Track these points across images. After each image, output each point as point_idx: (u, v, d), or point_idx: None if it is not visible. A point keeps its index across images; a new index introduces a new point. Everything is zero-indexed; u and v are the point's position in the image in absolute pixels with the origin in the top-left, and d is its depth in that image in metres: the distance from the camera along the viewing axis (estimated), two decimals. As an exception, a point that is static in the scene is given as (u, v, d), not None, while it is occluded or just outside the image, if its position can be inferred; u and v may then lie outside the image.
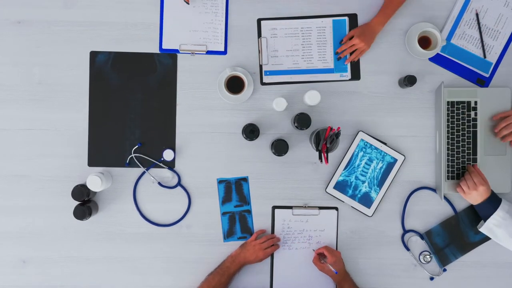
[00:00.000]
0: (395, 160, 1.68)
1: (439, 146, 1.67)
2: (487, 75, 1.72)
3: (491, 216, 1.57)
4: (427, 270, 1.70)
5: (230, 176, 1.69)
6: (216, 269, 1.63)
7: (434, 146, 1.70)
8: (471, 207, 1.69)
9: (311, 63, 1.71)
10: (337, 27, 1.71)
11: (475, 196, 1.59)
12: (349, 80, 1.70)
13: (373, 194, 1.68)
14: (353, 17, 1.71)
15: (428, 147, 1.71)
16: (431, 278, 1.70)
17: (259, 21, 1.70)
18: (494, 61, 1.72)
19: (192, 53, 1.69)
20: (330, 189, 1.69)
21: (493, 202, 1.58)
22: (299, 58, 1.71)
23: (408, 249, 1.70)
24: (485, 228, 1.60)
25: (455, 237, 1.69)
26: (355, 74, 1.70)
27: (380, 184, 1.68)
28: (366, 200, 1.69)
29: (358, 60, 1.70)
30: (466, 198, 1.62)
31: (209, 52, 1.69)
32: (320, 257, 1.64)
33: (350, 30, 1.70)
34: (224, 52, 1.69)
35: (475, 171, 1.62)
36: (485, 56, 1.70)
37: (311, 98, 1.61)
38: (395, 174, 1.69)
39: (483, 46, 1.71)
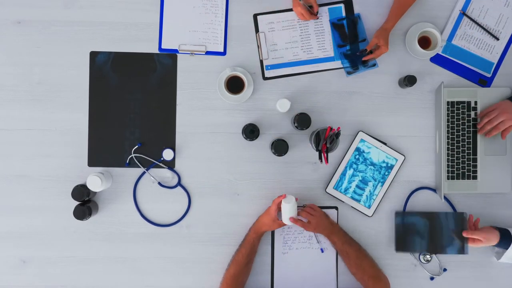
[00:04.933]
0: (395, 160, 1.68)
1: (439, 146, 1.67)
2: (489, 75, 1.71)
3: (508, 250, 1.59)
4: (427, 270, 1.70)
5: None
6: (240, 245, 1.63)
7: (434, 146, 1.70)
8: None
9: (311, 53, 1.70)
10: (334, 14, 1.70)
11: (490, 241, 1.58)
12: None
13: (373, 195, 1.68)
14: (348, 4, 1.70)
15: (428, 147, 1.70)
16: (431, 278, 1.70)
17: (255, 16, 1.70)
18: (495, 61, 1.72)
19: (191, 53, 1.68)
20: (330, 189, 1.68)
21: (506, 241, 1.58)
22: (299, 49, 1.71)
23: (408, 249, 1.70)
24: (505, 258, 1.62)
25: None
26: None
27: (381, 184, 1.69)
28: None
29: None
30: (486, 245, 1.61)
31: (208, 53, 1.69)
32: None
33: (346, 16, 1.69)
34: (223, 53, 1.69)
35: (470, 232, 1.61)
36: (498, 39, 1.70)
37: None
38: (395, 174, 1.69)
39: (489, 32, 1.70)
